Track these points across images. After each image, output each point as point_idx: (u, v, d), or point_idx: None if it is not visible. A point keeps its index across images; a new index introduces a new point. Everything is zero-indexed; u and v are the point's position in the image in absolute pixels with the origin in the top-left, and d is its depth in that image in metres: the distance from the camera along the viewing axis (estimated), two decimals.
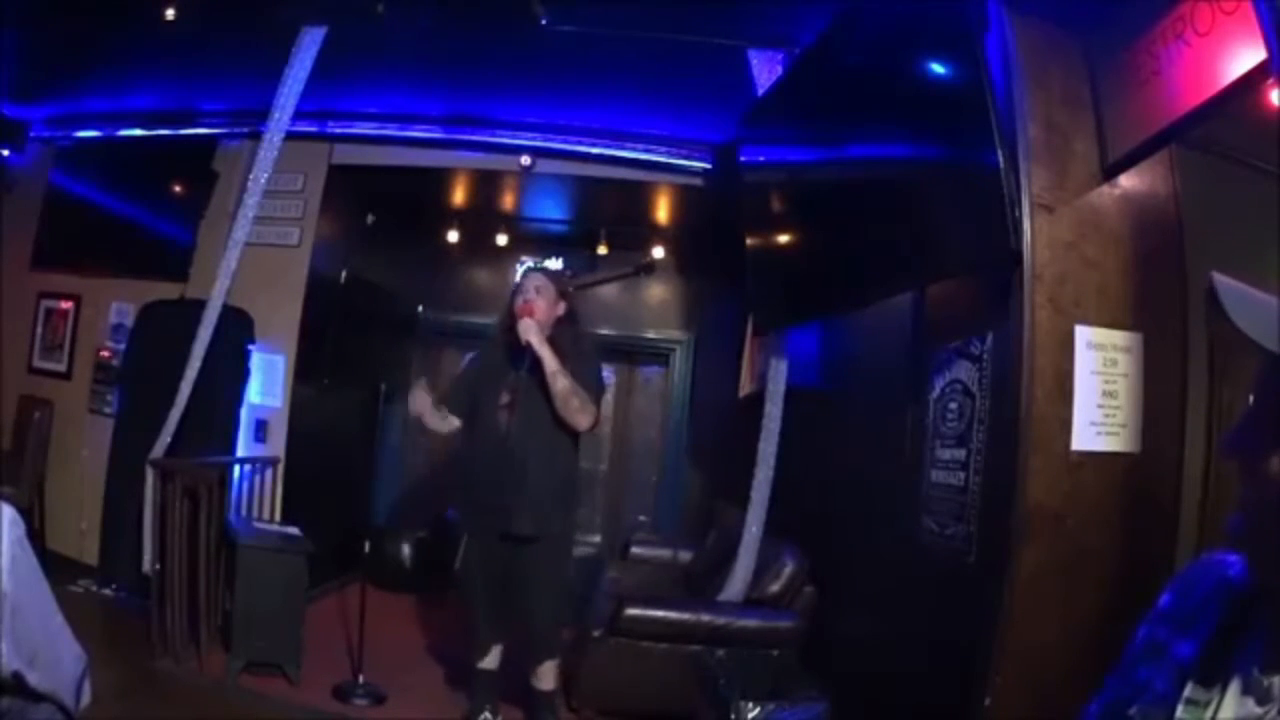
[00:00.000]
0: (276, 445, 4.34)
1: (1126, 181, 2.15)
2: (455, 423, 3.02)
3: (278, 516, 4.18)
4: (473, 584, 2.98)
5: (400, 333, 5.63)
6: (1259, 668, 0.68)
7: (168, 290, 4.53)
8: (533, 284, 2.97)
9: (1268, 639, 0.68)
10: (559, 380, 2.80)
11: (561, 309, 3.00)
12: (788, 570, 3.27)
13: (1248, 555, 0.72)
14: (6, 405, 4.69)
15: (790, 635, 3.13)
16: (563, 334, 2.96)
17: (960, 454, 2.45)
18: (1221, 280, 0.68)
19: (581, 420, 2.87)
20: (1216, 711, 0.69)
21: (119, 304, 4.68)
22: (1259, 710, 0.67)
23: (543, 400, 2.84)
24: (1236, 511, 0.70)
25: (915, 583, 2.65)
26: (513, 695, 3.16)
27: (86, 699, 1.17)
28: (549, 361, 2.80)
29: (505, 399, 2.85)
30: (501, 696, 3.14)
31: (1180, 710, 0.71)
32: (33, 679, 1.04)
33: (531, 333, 2.80)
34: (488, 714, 3.08)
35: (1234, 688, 0.69)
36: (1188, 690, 0.72)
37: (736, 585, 3.34)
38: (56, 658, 1.11)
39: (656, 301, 5.73)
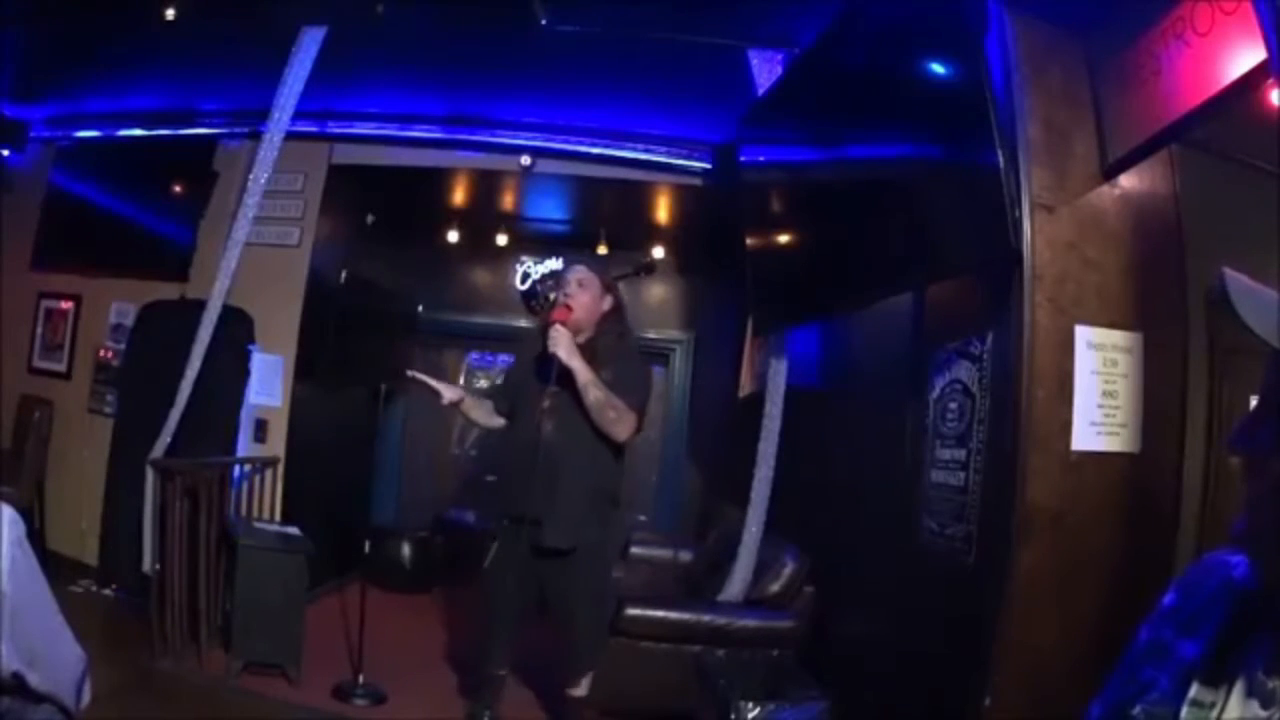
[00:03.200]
0: (276, 445, 4.34)
1: (1126, 181, 2.15)
2: (499, 421, 2.90)
3: (278, 516, 4.18)
4: (495, 592, 2.83)
5: (400, 333, 5.63)
6: (1264, 670, 0.68)
7: (168, 290, 4.53)
8: (575, 278, 2.75)
9: (1273, 640, 0.68)
10: (591, 392, 2.60)
11: (608, 304, 2.79)
12: (788, 570, 3.27)
13: (1252, 555, 0.72)
14: (6, 405, 4.68)
15: (790, 635, 3.13)
16: (606, 334, 2.76)
17: (960, 454, 2.45)
18: (1232, 276, 0.67)
19: (619, 431, 2.67)
20: (1221, 713, 0.69)
21: (119, 304, 4.68)
22: (1264, 713, 0.67)
23: (579, 408, 2.64)
24: (1241, 511, 0.70)
25: (915, 583, 2.65)
26: (544, 701, 3.16)
27: (87, 699, 1.16)
28: (580, 373, 2.59)
29: (545, 404, 2.64)
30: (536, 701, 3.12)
31: (1185, 711, 0.71)
32: (33, 679, 1.04)
33: (560, 345, 2.57)
34: (488, 717, 2.98)
35: (1238, 690, 0.69)
36: (1193, 691, 0.71)
37: (736, 585, 3.34)
38: (56, 658, 1.10)
39: (656, 301, 5.73)
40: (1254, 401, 0.73)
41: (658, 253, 5.52)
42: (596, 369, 2.64)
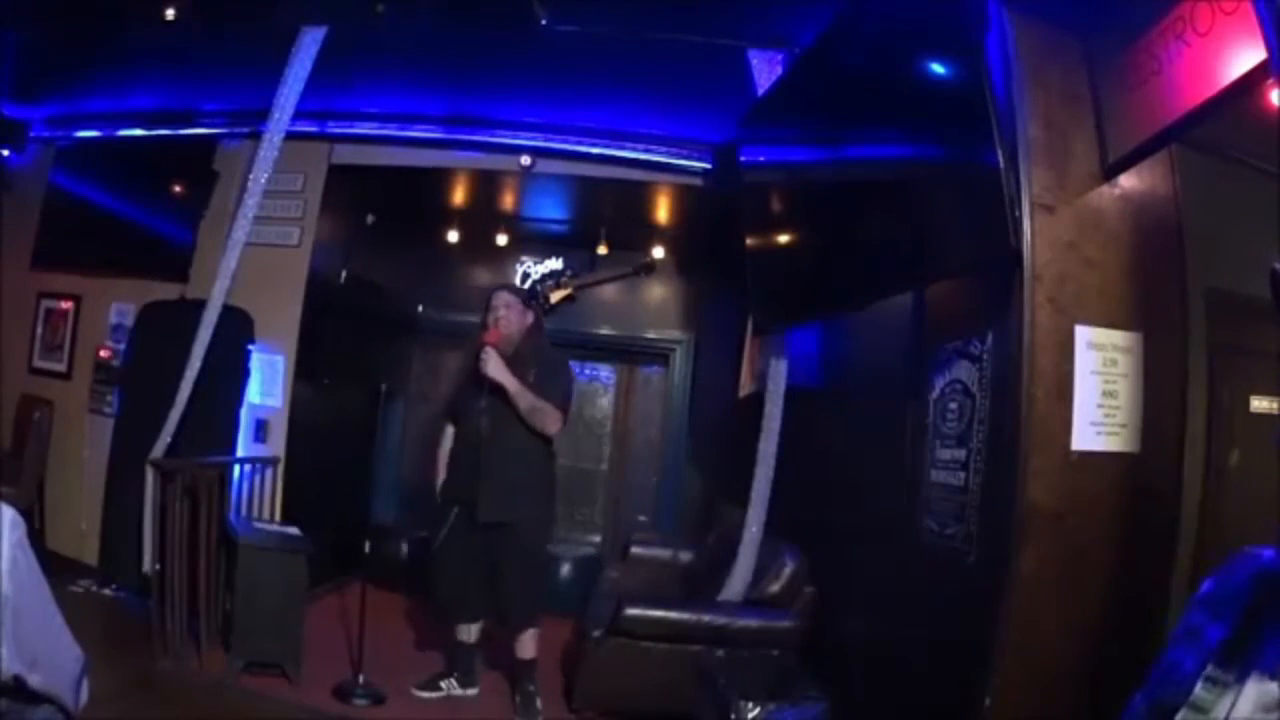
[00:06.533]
0: (276, 445, 4.34)
1: (1126, 181, 2.15)
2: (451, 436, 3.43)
3: (278, 516, 4.18)
4: (444, 561, 3.27)
5: (400, 333, 5.63)
6: None
7: (168, 290, 4.53)
8: (500, 303, 3.30)
9: None
10: (522, 400, 3.14)
11: (529, 319, 3.34)
12: (788, 570, 3.27)
13: None
14: (6, 405, 4.68)
15: (790, 635, 3.13)
16: (527, 345, 3.29)
17: (960, 454, 2.45)
18: None
19: (549, 428, 3.20)
20: (1238, 696, 0.70)
21: (119, 304, 4.68)
22: None
23: (510, 410, 3.16)
24: None
25: (915, 583, 2.65)
26: (501, 666, 3.50)
27: (85, 699, 1.16)
28: (509, 384, 3.13)
29: (481, 404, 3.16)
30: (490, 667, 3.51)
31: (1199, 688, 0.72)
32: (33, 681, 1.04)
33: (490, 365, 3.12)
34: (454, 680, 3.35)
35: (1258, 672, 0.70)
36: (1208, 669, 0.73)
37: (736, 585, 3.34)
38: (56, 659, 1.10)
39: (656, 301, 5.73)
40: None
41: (658, 253, 5.52)
42: (524, 373, 3.18)
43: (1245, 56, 1.60)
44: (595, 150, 4.33)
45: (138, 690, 3.03)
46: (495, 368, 3.13)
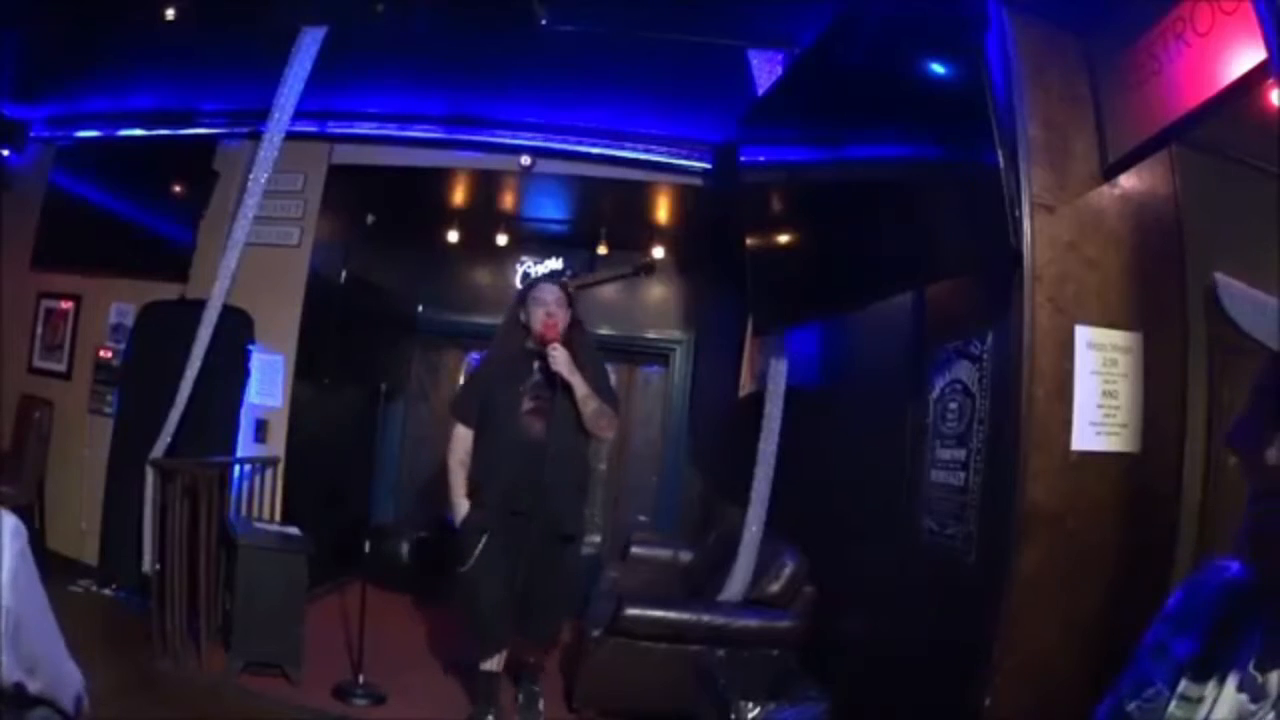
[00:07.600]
0: (276, 445, 4.34)
1: (1126, 181, 2.15)
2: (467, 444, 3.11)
3: (278, 516, 4.18)
4: (484, 584, 2.97)
5: (400, 333, 5.63)
6: (1254, 664, 0.68)
7: (168, 290, 4.53)
8: (552, 298, 3.05)
9: (1265, 636, 0.69)
10: (590, 403, 2.96)
11: (570, 316, 3.13)
12: (788, 570, 3.27)
13: (1249, 554, 0.73)
14: (6, 405, 4.68)
15: (790, 635, 3.13)
16: (575, 342, 3.08)
17: (960, 454, 2.45)
18: (1224, 280, 0.69)
19: (607, 432, 3.11)
20: (1212, 708, 0.70)
21: (119, 304, 4.68)
22: (1252, 706, 0.68)
23: (569, 409, 2.97)
24: (1244, 511, 0.71)
25: (915, 583, 2.65)
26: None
27: (86, 713, 1.17)
28: (579, 387, 2.94)
29: (529, 405, 2.98)
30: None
31: (1173, 706, 0.72)
32: (33, 687, 1.04)
33: (561, 364, 2.91)
34: (491, 718, 3.08)
35: (1230, 684, 0.70)
36: (1181, 686, 0.73)
37: (736, 585, 3.34)
38: (56, 665, 1.11)
39: (656, 301, 5.72)
40: (1251, 396, 0.74)
41: (658, 253, 5.52)
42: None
43: (1245, 56, 1.60)
44: (595, 150, 4.33)
45: (138, 690, 3.03)
46: (568, 367, 2.91)
